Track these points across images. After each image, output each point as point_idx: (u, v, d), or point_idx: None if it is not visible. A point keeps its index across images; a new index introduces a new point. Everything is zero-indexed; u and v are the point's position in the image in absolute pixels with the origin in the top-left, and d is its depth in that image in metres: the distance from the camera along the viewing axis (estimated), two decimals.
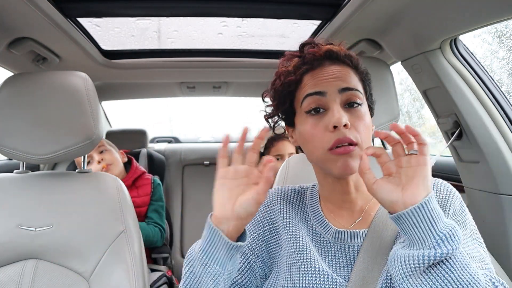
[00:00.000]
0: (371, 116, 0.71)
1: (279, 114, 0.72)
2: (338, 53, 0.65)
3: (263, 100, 0.75)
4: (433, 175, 0.87)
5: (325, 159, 0.62)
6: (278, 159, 1.70)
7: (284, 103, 0.68)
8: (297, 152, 1.69)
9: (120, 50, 1.50)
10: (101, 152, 1.59)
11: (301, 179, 0.85)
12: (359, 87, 0.65)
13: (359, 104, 0.63)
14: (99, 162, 1.55)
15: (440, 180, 0.67)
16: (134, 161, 1.72)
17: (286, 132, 0.75)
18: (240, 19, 1.20)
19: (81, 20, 1.15)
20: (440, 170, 1.42)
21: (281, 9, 1.11)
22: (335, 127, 0.59)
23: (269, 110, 0.74)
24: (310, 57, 0.65)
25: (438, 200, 0.64)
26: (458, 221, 0.62)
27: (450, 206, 0.62)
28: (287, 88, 0.66)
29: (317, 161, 0.65)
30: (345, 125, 0.59)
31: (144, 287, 0.90)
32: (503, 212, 1.01)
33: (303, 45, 0.69)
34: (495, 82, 1.06)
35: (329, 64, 0.65)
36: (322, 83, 0.63)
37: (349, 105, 0.63)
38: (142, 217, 1.62)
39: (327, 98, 0.62)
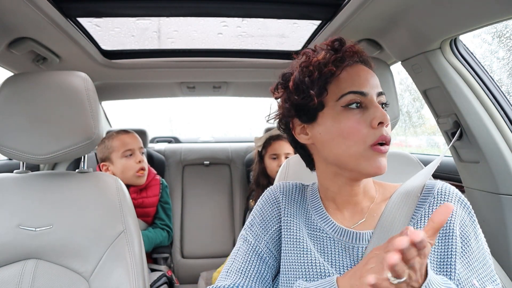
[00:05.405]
0: None
1: (293, 109, 0.68)
2: (367, 56, 0.67)
3: (275, 92, 0.72)
4: (434, 176, 0.87)
5: (362, 156, 0.60)
6: (274, 158, 1.71)
7: (321, 94, 0.63)
8: (295, 153, 1.70)
9: (120, 50, 1.50)
10: (142, 153, 1.60)
11: (301, 178, 0.85)
12: None
13: (386, 107, 0.65)
14: (140, 161, 1.55)
15: (448, 185, 0.66)
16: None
17: (292, 130, 0.71)
18: (240, 19, 1.20)
19: (81, 20, 1.15)
20: (440, 170, 1.42)
21: (281, 9, 1.11)
22: (380, 123, 0.59)
23: (275, 104, 0.73)
24: (349, 53, 0.64)
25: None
26: (469, 233, 0.61)
27: (455, 214, 0.61)
28: (324, 79, 0.63)
29: (353, 157, 0.61)
30: (387, 124, 0.60)
31: (144, 287, 0.90)
32: (503, 212, 1.01)
33: (333, 41, 0.66)
34: (495, 82, 1.06)
35: (359, 64, 0.65)
36: (363, 82, 0.62)
37: (381, 105, 0.64)
38: (150, 217, 1.63)
39: (367, 98, 0.62)
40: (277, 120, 0.74)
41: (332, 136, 0.63)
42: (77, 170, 1.06)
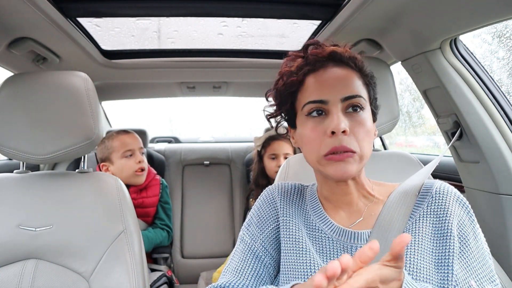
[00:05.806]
0: (374, 121, 0.69)
1: (282, 114, 0.72)
2: (342, 54, 0.64)
3: (267, 100, 0.74)
4: (433, 176, 0.87)
5: (320, 164, 0.62)
6: (273, 158, 1.71)
7: (286, 103, 0.68)
8: (294, 153, 1.70)
9: (120, 50, 1.50)
10: (142, 154, 1.60)
11: (301, 178, 0.85)
12: (363, 92, 0.64)
13: (361, 109, 0.62)
14: (140, 162, 1.55)
15: (447, 185, 0.65)
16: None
17: (288, 132, 0.75)
18: (240, 19, 1.20)
19: (81, 20, 1.15)
20: (440, 170, 1.42)
21: (281, 9, 1.11)
22: (333, 133, 0.59)
23: (271, 109, 0.74)
24: (313, 58, 0.64)
25: (440, 204, 0.62)
26: (468, 233, 0.60)
27: (453, 213, 0.61)
28: (289, 88, 0.66)
29: (313, 164, 0.65)
30: (343, 132, 0.58)
31: (144, 287, 0.90)
32: (503, 212, 1.01)
33: (307, 46, 0.67)
34: (495, 82, 1.06)
35: (332, 66, 0.64)
36: (324, 89, 0.62)
37: (353, 108, 0.62)
38: (150, 217, 1.63)
39: (328, 105, 0.61)
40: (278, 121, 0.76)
41: (301, 142, 0.67)
42: (77, 170, 1.06)
